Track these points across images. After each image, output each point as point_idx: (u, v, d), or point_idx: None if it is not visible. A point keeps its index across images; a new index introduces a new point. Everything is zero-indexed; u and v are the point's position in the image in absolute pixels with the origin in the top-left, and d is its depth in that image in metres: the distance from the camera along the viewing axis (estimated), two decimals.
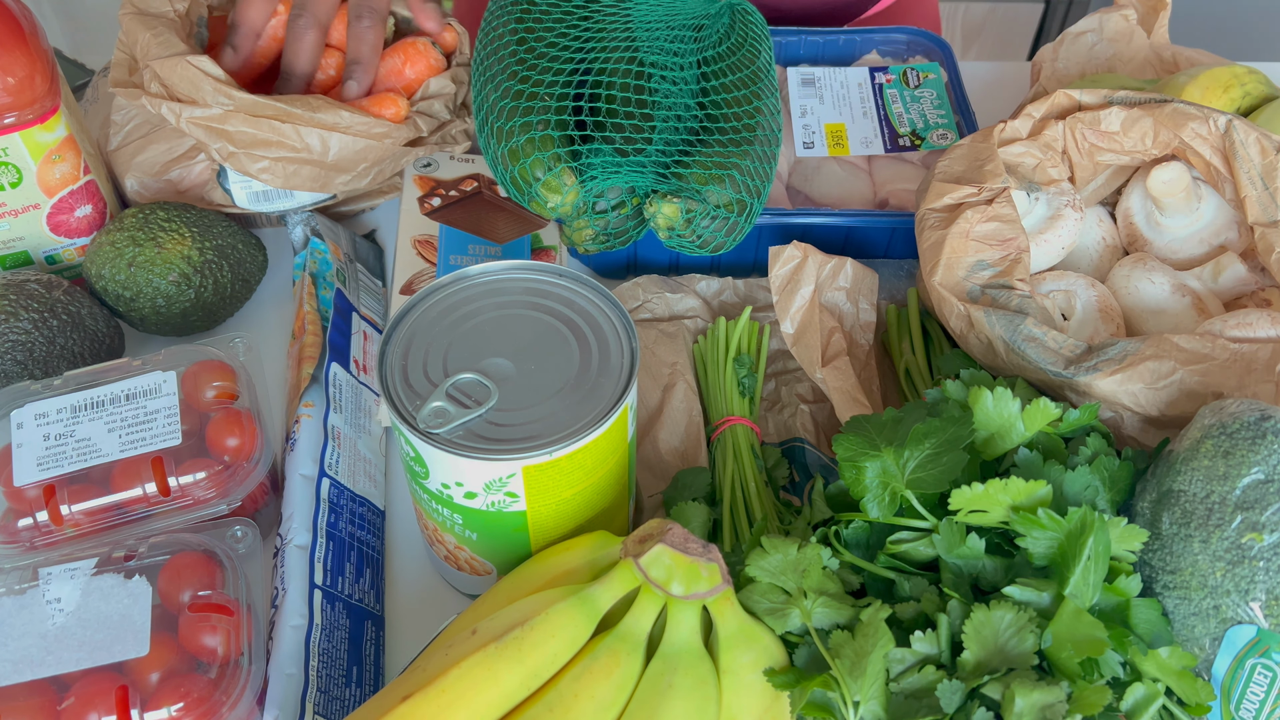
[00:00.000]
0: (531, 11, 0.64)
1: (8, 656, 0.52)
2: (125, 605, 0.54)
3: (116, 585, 0.54)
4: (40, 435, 0.59)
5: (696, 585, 0.49)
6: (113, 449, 0.58)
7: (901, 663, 0.48)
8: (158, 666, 0.52)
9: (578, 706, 0.47)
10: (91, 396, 0.60)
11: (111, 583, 0.54)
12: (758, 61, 0.66)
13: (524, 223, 0.67)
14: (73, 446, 0.58)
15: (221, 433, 0.59)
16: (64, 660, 0.52)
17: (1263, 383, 0.56)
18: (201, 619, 0.53)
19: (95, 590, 0.54)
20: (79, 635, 0.53)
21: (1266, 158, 0.63)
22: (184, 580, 0.55)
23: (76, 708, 0.51)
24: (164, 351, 0.63)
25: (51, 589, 0.54)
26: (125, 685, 0.51)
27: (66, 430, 0.59)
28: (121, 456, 0.58)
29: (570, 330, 0.55)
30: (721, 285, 0.75)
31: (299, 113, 0.70)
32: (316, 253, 0.73)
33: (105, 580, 0.54)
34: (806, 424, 0.68)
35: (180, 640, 0.53)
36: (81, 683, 0.51)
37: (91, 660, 0.52)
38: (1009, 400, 0.54)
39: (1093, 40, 0.86)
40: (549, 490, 0.52)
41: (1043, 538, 0.50)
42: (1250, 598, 0.49)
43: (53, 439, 0.59)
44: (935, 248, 0.64)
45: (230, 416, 0.60)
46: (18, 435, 0.59)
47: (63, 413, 0.60)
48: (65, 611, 0.53)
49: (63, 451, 0.58)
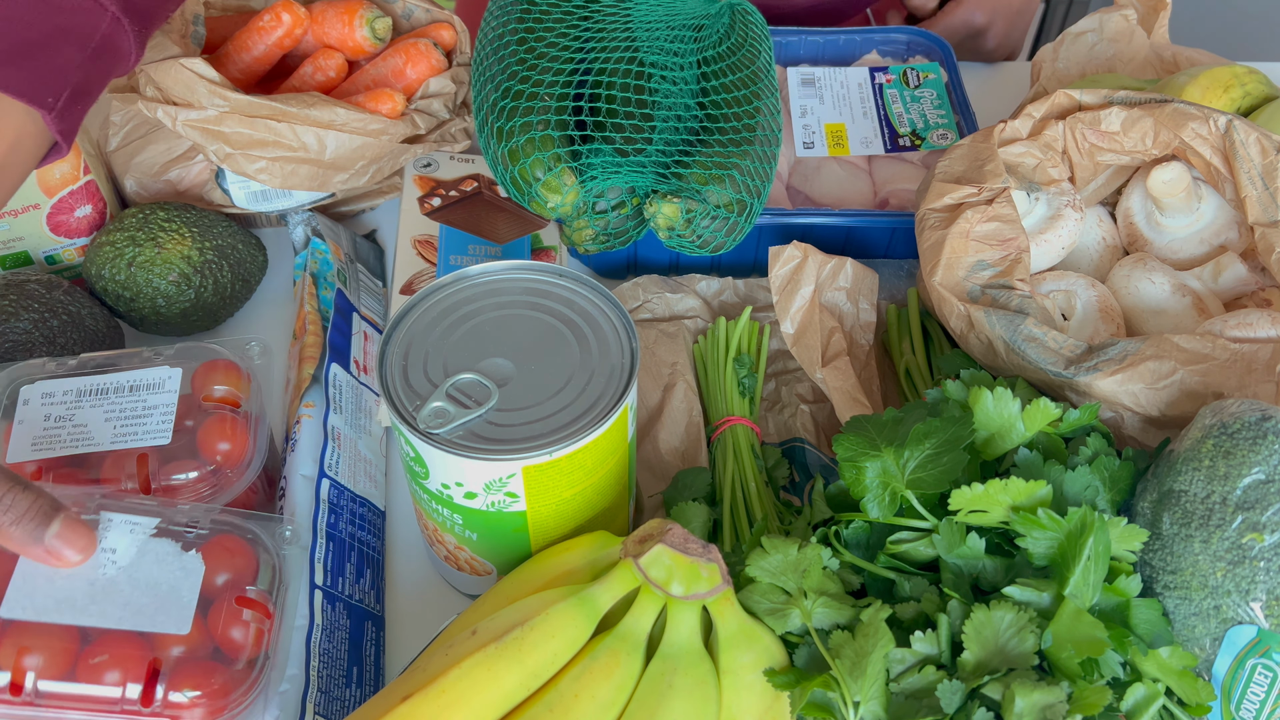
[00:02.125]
0: (531, 11, 0.64)
1: (52, 593, 0.50)
2: (177, 577, 0.52)
3: (172, 554, 0.53)
4: (42, 414, 0.59)
5: (696, 585, 0.49)
6: (104, 439, 0.58)
7: (902, 663, 0.48)
8: (185, 645, 0.51)
9: (578, 707, 0.47)
10: (98, 383, 0.60)
11: (168, 549, 0.53)
12: (758, 61, 0.66)
13: (524, 223, 0.67)
14: (68, 431, 0.58)
15: (213, 436, 0.59)
16: (106, 614, 0.50)
17: (1263, 383, 0.56)
18: (237, 611, 0.52)
19: (151, 552, 0.52)
20: (126, 594, 0.51)
21: (1267, 158, 0.63)
22: (224, 564, 0.53)
23: (105, 665, 0.49)
24: (178, 346, 0.62)
25: (110, 536, 0.52)
26: (159, 660, 0.50)
27: (66, 414, 0.59)
28: (112, 448, 0.58)
29: (570, 330, 0.55)
30: (721, 285, 0.75)
31: (295, 111, 0.70)
32: (317, 253, 0.73)
33: (163, 545, 0.53)
34: (806, 424, 0.68)
35: (209, 625, 0.52)
36: (111, 641, 0.50)
37: (133, 623, 0.50)
38: (1009, 400, 0.54)
39: (1093, 40, 0.86)
40: (549, 490, 0.52)
41: (1043, 538, 0.50)
42: (1251, 598, 0.48)
43: (52, 420, 0.59)
44: (935, 248, 0.64)
45: (223, 421, 0.59)
46: (21, 412, 0.59)
47: (68, 395, 0.60)
48: (118, 565, 0.52)
49: (58, 435, 0.58)
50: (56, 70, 0.53)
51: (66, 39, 0.53)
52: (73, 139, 0.55)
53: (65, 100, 0.54)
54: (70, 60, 0.54)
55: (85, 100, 0.56)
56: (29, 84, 0.52)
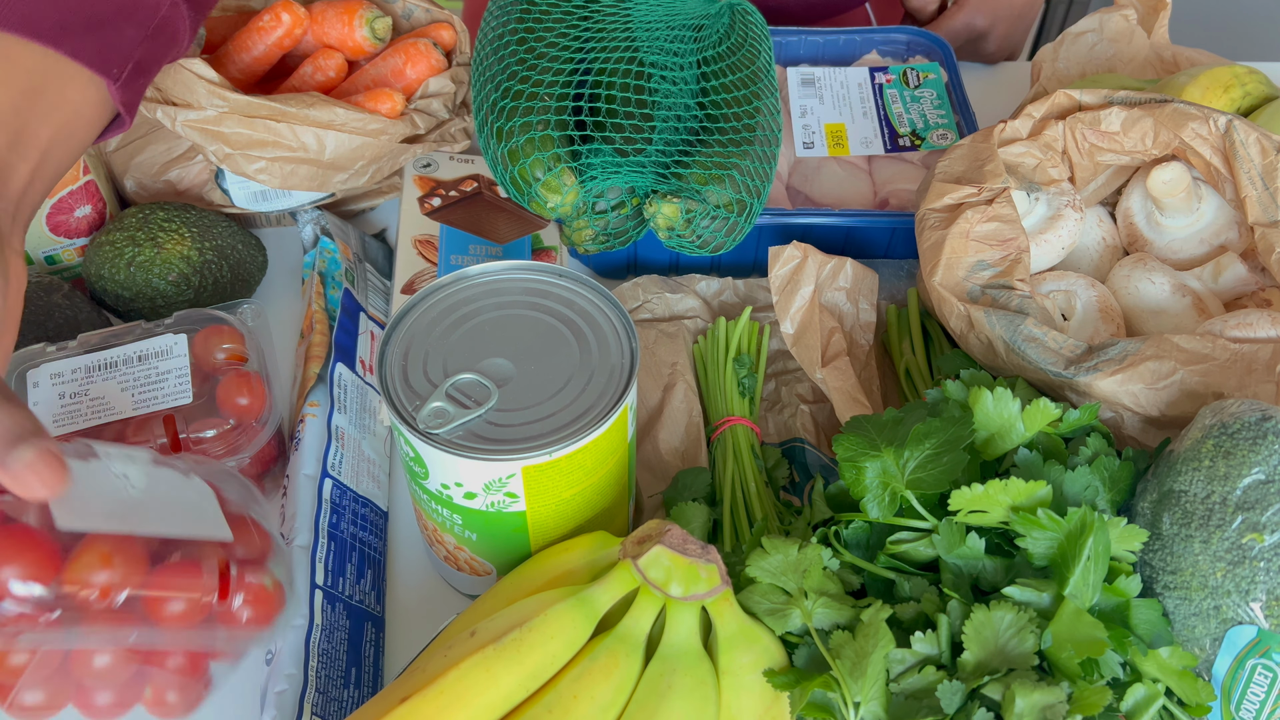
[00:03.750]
0: (531, 11, 0.64)
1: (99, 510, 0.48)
2: (193, 497, 0.51)
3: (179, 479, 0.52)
4: (56, 394, 0.60)
5: (695, 586, 0.49)
6: (125, 407, 0.60)
7: (902, 663, 0.48)
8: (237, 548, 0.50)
9: (577, 707, 0.47)
10: (105, 358, 0.62)
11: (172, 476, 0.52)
12: (758, 61, 0.66)
13: (524, 223, 0.67)
14: (87, 404, 0.60)
15: (231, 393, 0.61)
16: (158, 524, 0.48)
17: (1263, 383, 0.56)
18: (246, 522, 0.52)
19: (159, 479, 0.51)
20: (160, 509, 0.49)
21: (1266, 158, 0.63)
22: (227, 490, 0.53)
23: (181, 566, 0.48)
24: (175, 315, 0.64)
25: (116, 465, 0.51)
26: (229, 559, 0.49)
27: (81, 389, 0.60)
28: (134, 414, 0.59)
29: (570, 330, 0.55)
30: (721, 285, 0.75)
31: (294, 111, 0.70)
32: (326, 252, 0.73)
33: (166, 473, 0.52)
34: (806, 424, 0.68)
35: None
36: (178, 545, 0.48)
37: (184, 530, 0.49)
38: (1009, 400, 0.54)
39: (1093, 40, 0.86)
40: (549, 490, 0.52)
41: (1043, 538, 0.50)
42: (1251, 598, 0.48)
43: (68, 397, 0.60)
44: (935, 248, 0.64)
45: (240, 377, 0.62)
46: (34, 394, 0.60)
47: (77, 373, 0.61)
48: (137, 488, 0.50)
49: (77, 409, 0.59)
50: (121, 44, 0.55)
51: (130, 17, 0.56)
52: (134, 113, 0.57)
53: (129, 73, 0.56)
54: (133, 37, 0.56)
55: (145, 77, 0.58)
56: (97, 53, 0.54)
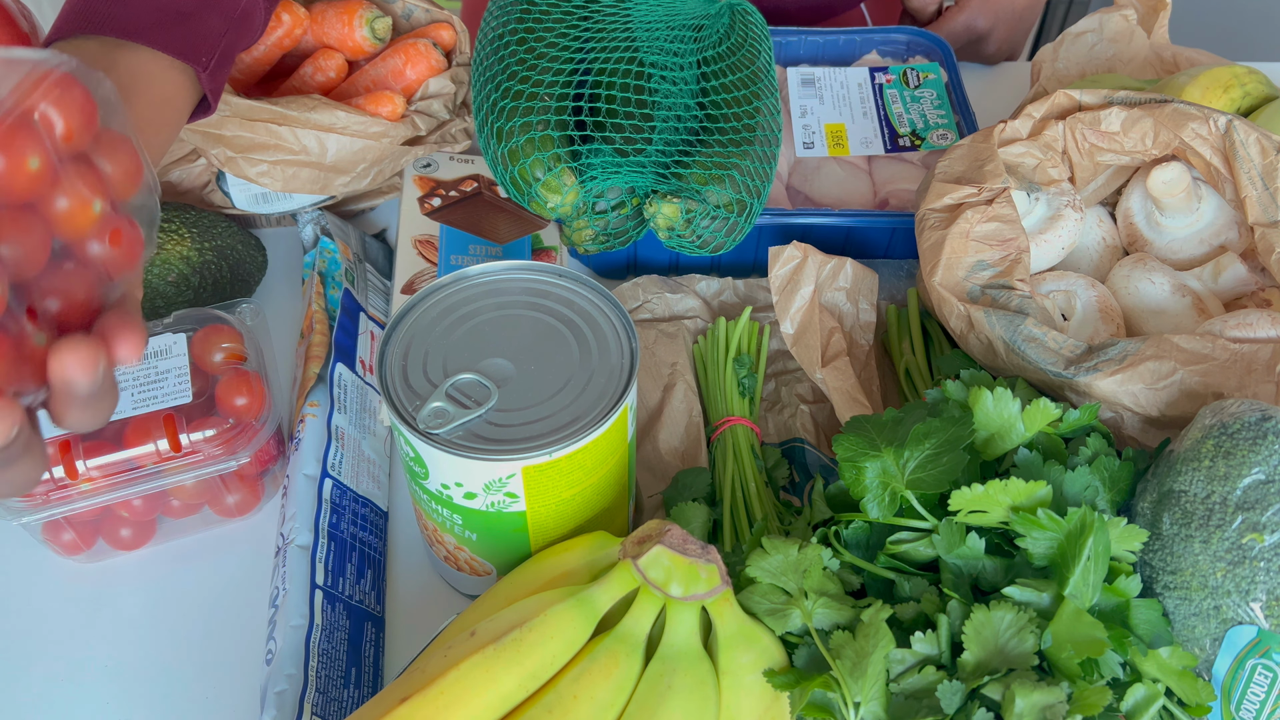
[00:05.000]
0: (531, 11, 0.64)
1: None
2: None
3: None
4: None
5: (695, 586, 0.49)
6: (125, 406, 0.60)
7: (902, 663, 0.48)
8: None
9: (577, 708, 0.47)
10: None
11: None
12: (758, 61, 0.66)
13: (524, 223, 0.67)
14: None
15: (230, 392, 0.61)
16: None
17: (1263, 383, 0.56)
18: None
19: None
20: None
21: (1266, 158, 0.63)
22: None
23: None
24: (174, 315, 0.65)
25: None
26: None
27: None
28: (134, 414, 0.60)
29: (570, 330, 0.55)
30: (721, 285, 0.75)
31: (295, 114, 0.70)
32: (326, 252, 0.73)
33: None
34: (806, 424, 0.68)
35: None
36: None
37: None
38: (1009, 400, 0.54)
39: (1093, 40, 0.86)
40: (549, 490, 0.52)
41: (1042, 538, 0.50)
42: (1251, 598, 0.48)
43: None
44: (935, 248, 0.64)
45: (239, 376, 0.62)
46: None
47: None
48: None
49: None
50: (206, 34, 0.58)
51: (214, 9, 0.59)
52: (219, 97, 0.60)
53: (215, 61, 0.58)
54: (217, 27, 0.59)
55: (228, 64, 0.60)
56: (186, 45, 0.57)
